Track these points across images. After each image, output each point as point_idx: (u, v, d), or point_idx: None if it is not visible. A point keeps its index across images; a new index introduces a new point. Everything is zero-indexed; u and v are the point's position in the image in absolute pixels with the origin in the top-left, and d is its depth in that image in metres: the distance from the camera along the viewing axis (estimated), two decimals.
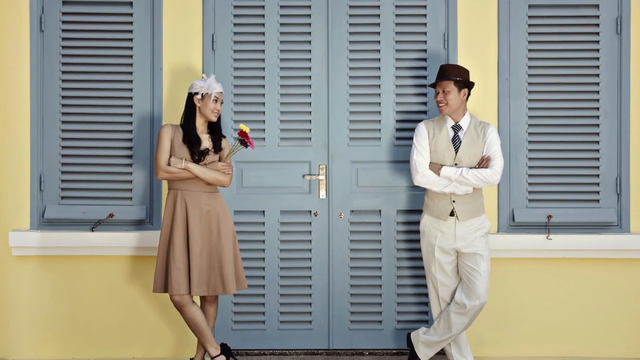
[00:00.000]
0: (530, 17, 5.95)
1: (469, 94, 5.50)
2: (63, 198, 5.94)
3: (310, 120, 5.97)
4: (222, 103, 5.47)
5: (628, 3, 5.92)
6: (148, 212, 5.93)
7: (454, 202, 5.41)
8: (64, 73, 5.93)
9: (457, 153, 5.43)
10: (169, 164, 5.32)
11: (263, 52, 5.95)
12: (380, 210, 5.97)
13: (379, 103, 5.95)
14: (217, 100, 5.40)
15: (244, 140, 5.38)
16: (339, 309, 5.97)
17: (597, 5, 5.95)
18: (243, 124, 5.44)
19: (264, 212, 5.96)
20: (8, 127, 5.90)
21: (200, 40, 5.95)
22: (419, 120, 5.80)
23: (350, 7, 5.96)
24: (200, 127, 5.44)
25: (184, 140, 5.37)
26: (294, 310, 5.98)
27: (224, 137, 5.54)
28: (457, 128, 5.48)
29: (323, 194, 5.96)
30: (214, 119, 5.43)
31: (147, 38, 5.93)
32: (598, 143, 5.95)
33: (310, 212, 5.97)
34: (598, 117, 5.94)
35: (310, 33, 5.96)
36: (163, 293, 5.47)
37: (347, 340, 5.97)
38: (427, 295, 5.87)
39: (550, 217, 5.91)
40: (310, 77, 5.96)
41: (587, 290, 5.95)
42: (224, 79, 5.89)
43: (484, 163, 5.42)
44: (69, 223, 5.92)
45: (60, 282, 5.92)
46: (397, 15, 5.94)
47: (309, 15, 5.96)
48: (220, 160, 5.45)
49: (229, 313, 5.95)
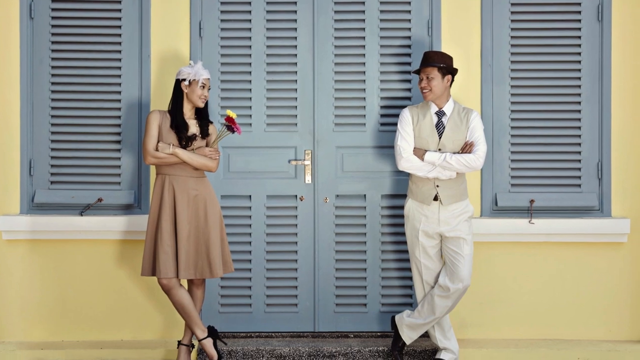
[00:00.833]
0: (513, 4, 6.00)
1: (453, 80, 5.56)
2: (52, 183, 6.00)
3: (296, 106, 6.02)
4: (209, 89, 5.53)
5: None
6: (136, 196, 5.99)
7: (438, 186, 5.47)
8: (54, 59, 5.98)
9: (440, 138, 5.49)
10: (157, 149, 5.38)
11: (249, 38, 6.01)
12: (365, 195, 6.03)
13: (364, 89, 6.01)
14: (204, 87, 5.44)
15: (231, 126, 5.42)
16: (325, 292, 6.03)
17: None
18: (230, 110, 5.50)
19: (251, 196, 6.02)
20: None
21: (188, 27, 6.00)
22: (403, 106, 5.86)
23: None
24: (188, 113, 5.49)
25: (172, 126, 5.41)
26: (280, 294, 6.04)
27: (211, 122, 5.59)
28: (440, 114, 5.53)
29: (309, 179, 6.02)
30: (201, 105, 5.47)
31: (135, 25, 5.98)
32: (580, 128, 6.01)
33: (296, 196, 6.03)
34: (580, 102, 6.00)
35: (296, 20, 6.01)
36: (151, 276, 5.52)
37: (332, 323, 6.04)
38: (411, 279, 5.92)
39: (533, 201, 5.97)
40: (296, 63, 6.02)
41: (568, 274, 6.01)
42: (211, 66, 5.95)
43: (467, 148, 5.47)
44: (59, 207, 5.98)
45: (50, 265, 5.97)
46: (381, 3, 6.00)
47: (295, 3, 6.01)
48: (208, 146, 5.51)
49: (216, 296, 6.01)
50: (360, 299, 6.04)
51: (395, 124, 5.74)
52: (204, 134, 5.49)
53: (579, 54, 6.00)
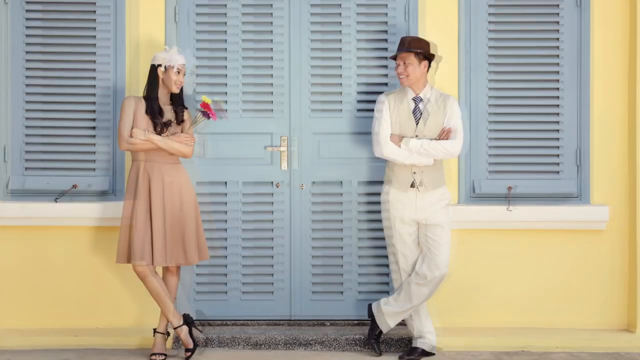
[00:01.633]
0: None
1: (430, 66, 5.52)
2: (27, 169, 5.97)
3: (272, 92, 5.99)
4: (184, 75, 5.50)
5: None
6: (111, 183, 5.96)
7: (415, 173, 5.44)
8: (28, 45, 5.94)
9: (417, 125, 5.46)
10: (132, 135, 5.35)
11: (225, 24, 5.97)
12: (342, 182, 6.00)
13: (340, 75, 5.98)
14: (179, 72, 5.43)
15: (206, 112, 5.42)
16: (301, 279, 6.01)
17: None
18: (205, 96, 5.47)
19: (226, 183, 5.99)
20: None
21: (163, 13, 5.96)
22: (380, 92, 5.81)
23: None
24: (163, 98, 5.47)
25: (147, 112, 5.40)
26: (256, 281, 6.02)
27: (186, 108, 5.57)
28: (417, 100, 5.49)
29: (285, 165, 5.99)
30: (177, 91, 5.45)
31: (109, 10, 5.94)
32: (558, 115, 5.98)
33: (272, 183, 6.00)
34: (558, 89, 5.97)
35: (272, 5, 5.97)
36: (126, 264, 5.50)
37: (308, 310, 6.02)
38: (388, 266, 5.88)
39: (510, 188, 5.94)
40: (272, 49, 5.98)
41: (547, 261, 5.99)
42: (186, 51, 5.91)
43: (445, 135, 5.44)
44: (33, 194, 5.95)
45: (25, 252, 5.95)
46: None
47: None
48: (183, 132, 5.49)
49: (192, 283, 6.00)
50: (337, 286, 6.03)
51: (373, 110, 5.69)
52: (179, 120, 5.48)
53: (558, 40, 5.96)
